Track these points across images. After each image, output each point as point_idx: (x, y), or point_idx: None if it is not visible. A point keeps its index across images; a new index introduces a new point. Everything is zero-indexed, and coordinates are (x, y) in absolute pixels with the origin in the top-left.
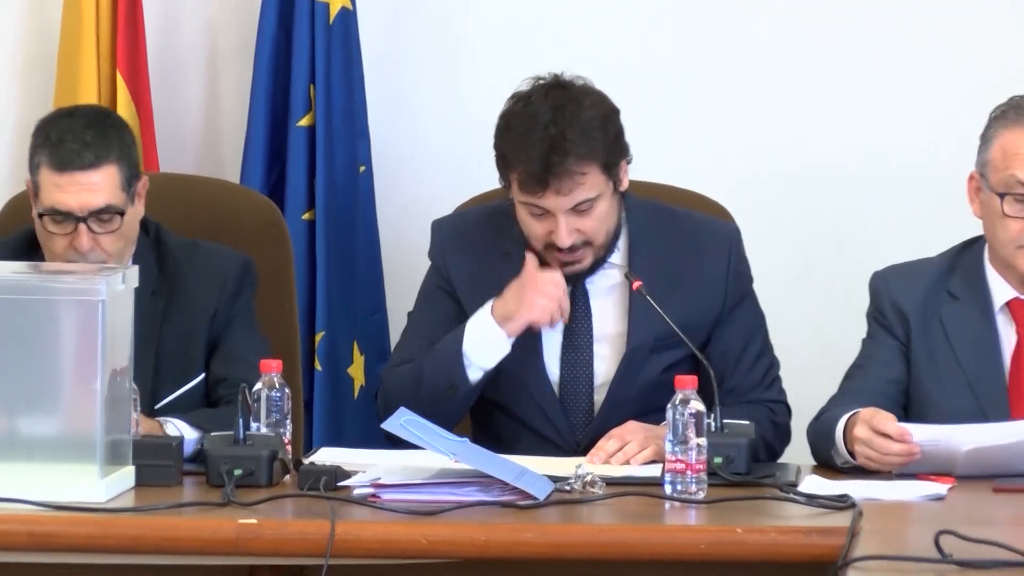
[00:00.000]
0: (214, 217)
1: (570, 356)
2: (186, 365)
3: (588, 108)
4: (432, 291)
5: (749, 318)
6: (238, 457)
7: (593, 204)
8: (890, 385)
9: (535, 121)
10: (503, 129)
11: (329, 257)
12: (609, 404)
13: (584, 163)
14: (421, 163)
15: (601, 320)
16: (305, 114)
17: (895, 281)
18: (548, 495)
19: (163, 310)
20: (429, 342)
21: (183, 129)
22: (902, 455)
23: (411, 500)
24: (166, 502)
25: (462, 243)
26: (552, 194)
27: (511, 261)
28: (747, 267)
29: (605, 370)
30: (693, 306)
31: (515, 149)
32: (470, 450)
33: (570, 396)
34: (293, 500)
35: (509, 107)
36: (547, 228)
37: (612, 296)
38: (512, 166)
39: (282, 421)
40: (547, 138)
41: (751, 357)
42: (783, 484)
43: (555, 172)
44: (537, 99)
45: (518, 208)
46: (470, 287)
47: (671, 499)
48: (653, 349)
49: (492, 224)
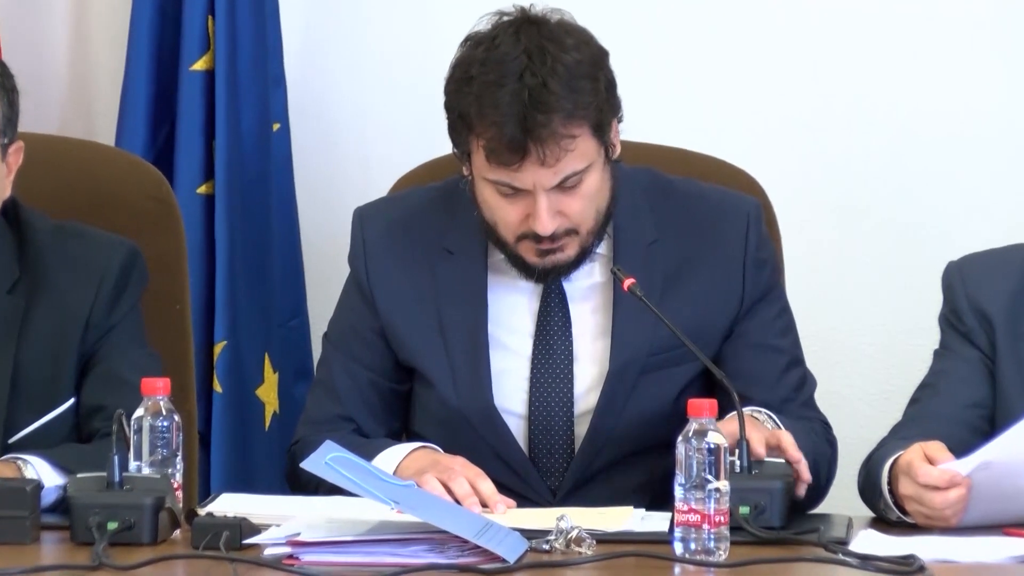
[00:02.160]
0: (81, 191)
1: (542, 380)
2: (51, 386)
3: (572, 50)
4: (353, 308)
5: (775, 317)
6: (113, 506)
7: (582, 177)
8: (969, 410)
9: (505, 68)
10: (461, 81)
11: (233, 244)
12: (592, 439)
13: (573, 123)
14: (353, 120)
15: (582, 331)
16: (201, 55)
17: (975, 274)
18: (521, 556)
19: (23, 314)
20: (348, 390)
21: (42, 76)
22: (962, 502)
23: (339, 563)
24: (17, 566)
25: (391, 242)
26: (532, 165)
27: (453, 263)
28: (771, 254)
29: (587, 394)
30: (700, 306)
31: (481, 106)
32: (418, 497)
33: (542, 432)
34: (185, 563)
35: (466, 53)
36: (522, 212)
37: (594, 298)
38: (475, 130)
39: (170, 459)
40: (523, 90)
41: (780, 365)
42: (830, 541)
43: (537, 135)
44: (505, 41)
45: (480, 188)
46: (394, 306)
47: (682, 561)
48: (647, 367)
49: (432, 213)
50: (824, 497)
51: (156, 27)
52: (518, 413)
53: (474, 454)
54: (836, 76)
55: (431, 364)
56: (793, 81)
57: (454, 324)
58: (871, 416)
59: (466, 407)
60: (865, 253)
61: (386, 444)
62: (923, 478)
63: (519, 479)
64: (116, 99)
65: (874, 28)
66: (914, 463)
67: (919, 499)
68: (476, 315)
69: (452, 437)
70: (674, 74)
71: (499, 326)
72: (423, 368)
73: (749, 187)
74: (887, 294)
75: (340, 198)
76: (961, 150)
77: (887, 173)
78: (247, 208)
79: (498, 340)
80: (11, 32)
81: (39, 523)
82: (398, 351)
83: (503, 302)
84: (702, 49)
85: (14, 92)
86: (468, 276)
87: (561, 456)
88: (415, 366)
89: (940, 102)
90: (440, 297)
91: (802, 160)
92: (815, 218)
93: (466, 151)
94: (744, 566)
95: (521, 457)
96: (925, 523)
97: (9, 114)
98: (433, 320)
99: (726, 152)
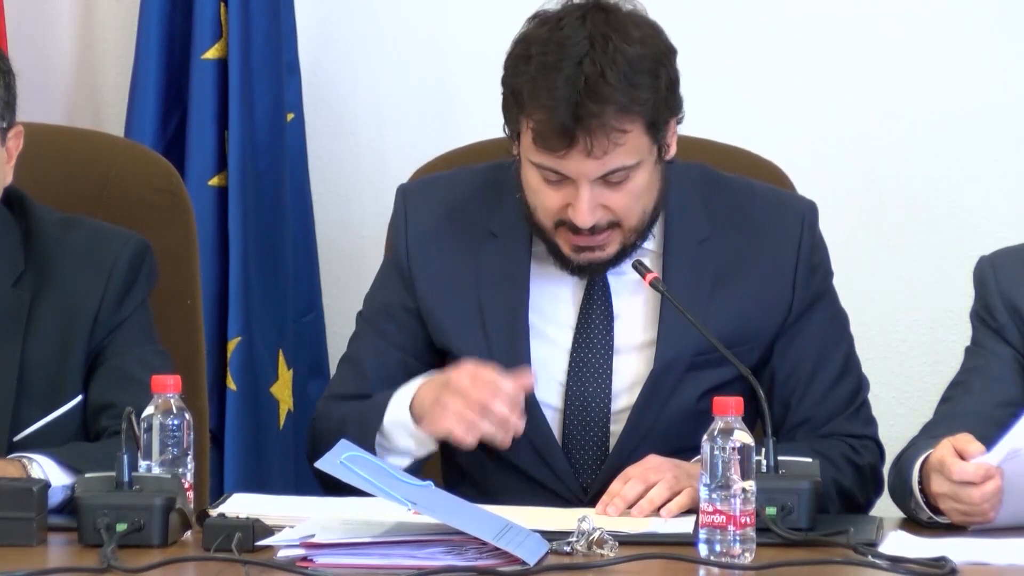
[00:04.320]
0: (89, 182)
1: (580, 373)
2: (57, 383)
3: (637, 43)
4: (390, 286)
5: (825, 325)
6: (122, 507)
7: (629, 174)
8: (1001, 408)
9: (565, 52)
10: (519, 59)
11: (246, 237)
12: (628, 437)
13: (627, 117)
14: (369, 110)
15: (625, 326)
16: (214, 43)
17: (1008, 269)
18: (541, 559)
19: (28, 308)
20: (376, 368)
21: (49, 64)
22: (998, 494)
23: (355, 565)
24: (23, 569)
25: (435, 222)
26: (579, 154)
27: (497, 247)
28: (825, 257)
29: (627, 392)
30: (749, 309)
31: (535, 87)
32: (435, 498)
33: (577, 427)
34: (196, 565)
35: (530, 30)
36: (563, 200)
37: (641, 294)
38: (527, 110)
39: (181, 458)
40: (580, 76)
41: (829, 377)
42: (859, 543)
43: (586, 125)
44: (570, 23)
45: (525, 170)
46: (433, 287)
47: (707, 563)
48: (692, 366)
49: (478, 195)
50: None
51: (167, 14)
52: (554, 406)
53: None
54: (866, 68)
55: (468, 349)
56: (823, 73)
57: (494, 309)
58: (902, 414)
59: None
60: (896, 248)
61: (391, 392)
62: (958, 475)
63: (552, 474)
64: (125, 88)
65: (906, 19)
66: (946, 460)
67: (955, 496)
68: (517, 301)
69: None
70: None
71: (540, 315)
72: (460, 352)
73: (777, 179)
74: (918, 289)
75: (355, 190)
76: (995, 143)
77: (917, 167)
78: (260, 200)
79: (538, 329)
80: (18, 19)
81: (46, 524)
82: (434, 334)
83: (545, 290)
84: (731, 41)
85: (10, 74)
86: (511, 261)
87: (595, 453)
88: (451, 349)
89: (974, 94)
90: (481, 281)
91: (831, 153)
92: (845, 213)
93: (516, 130)
94: (771, 568)
95: (555, 450)
96: (962, 520)
97: (7, 97)
98: (472, 304)
99: (755, 144)
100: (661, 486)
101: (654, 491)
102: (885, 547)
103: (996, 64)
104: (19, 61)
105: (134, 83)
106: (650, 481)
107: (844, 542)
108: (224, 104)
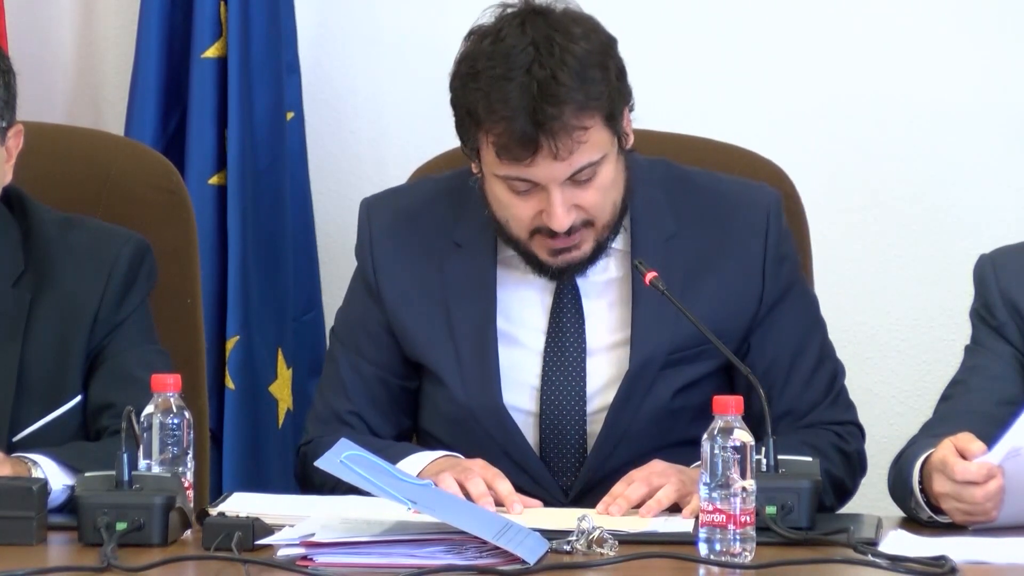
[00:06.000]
0: (89, 181)
1: (554, 376)
2: (57, 383)
3: (580, 40)
4: (360, 303)
5: (798, 315)
6: (122, 506)
7: (596, 170)
8: (1002, 407)
9: (512, 61)
10: (467, 76)
11: (245, 236)
12: (606, 438)
13: (586, 114)
14: (369, 109)
15: (596, 327)
16: (213, 42)
17: (1008, 267)
18: (541, 558)
19: (28, 307)
20: (355, 384)
21: (48, 62)
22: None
23: (355, 564)
24: (23, 568)
25: (398, 234)
26: (545, 159)
27: (462, 257)
28: (791, 247)
29: (601, 393)
30: (720, 303)
31: (489, 102)
32: (435, 497)
33: (554, 430)
34: (196, 564)
35: (471, 47)
36: (535, 207)
37: (609, 294)
38: (484, 126)
39: (181, 457)
40: (532, 83)
41: (807, 368)
42: (859, 542)
43: (548, 128)
44: (511, 32)
45: (491, 185)
46: (401, 300)
47: (708, 563)
48: (667, 364)
49: (441, 205)
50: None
51: (167, 13)
52: (529, 410)
53: (484, 452)
54: (866, 68)
55: (439, 360)
56: (822, 73)
57: (462, 319)
58: (901, 413)
59: (474, 404)
60: (895, 245)
61: (409, 450)
62: (961, 475)
63: (530, 478)
64: (125, 87)
65: (905, 15)
66: (948, 460)
67: (958, 496)
68: (485, 310)
69: (461, 435)
70: (698, 62)
71: (509, 321)
72: (431, 364)
73: (776, 177)
74: (917, 287)
75: (355, 189)
76: (995, 143)
77: (917, 164)
78: (260, 199)
79: (508, 335)
80: (18, 17)
81: (46, 523)
82: (405, 347)
83: (513, 297)
84: (731, 41)
85: (10, 73)
86: (477, 270)
87: (574, 455)
88: (423, 362)
89: (974, 94)
90: (448, 291)
91: (830, 150)
92: (843, 210)
93: (475, 148)
94: (771, 567)
95: (531, 456)
96: (964, 520)
97: (7, 96)
98: (441, 315)
99: (752, 142)
100: (668, 488)
101: (662, 492)
102: (885, 546)
103: (996, 64)
104: (19, 61)
105: (134, 82)
106: (654, 485)
107: (844, 541)
108: (224, 103)
